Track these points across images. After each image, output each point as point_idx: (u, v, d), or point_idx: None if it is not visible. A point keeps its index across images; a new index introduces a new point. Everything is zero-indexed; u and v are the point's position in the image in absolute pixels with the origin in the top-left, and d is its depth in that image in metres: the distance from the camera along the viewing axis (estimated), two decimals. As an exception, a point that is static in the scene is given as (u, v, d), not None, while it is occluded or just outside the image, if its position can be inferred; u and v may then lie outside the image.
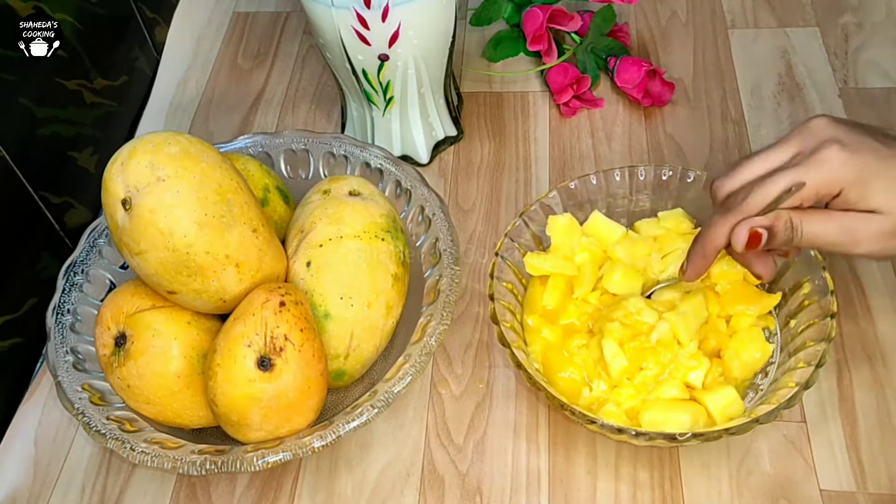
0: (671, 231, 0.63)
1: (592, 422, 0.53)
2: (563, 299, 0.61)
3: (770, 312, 0.60)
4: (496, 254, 0.61)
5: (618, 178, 0.65)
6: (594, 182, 0.65)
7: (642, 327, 0.57)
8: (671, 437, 0.52)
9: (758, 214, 0.52)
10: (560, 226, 0.63)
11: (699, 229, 0.57)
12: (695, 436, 0.51)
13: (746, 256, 0.55)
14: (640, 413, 0.55)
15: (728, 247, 0.53)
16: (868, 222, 0.51)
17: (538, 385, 0.54)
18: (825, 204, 0.52)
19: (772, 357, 0.58)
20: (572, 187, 0.64)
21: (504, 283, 0.60)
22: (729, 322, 0.59)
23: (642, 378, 0.56)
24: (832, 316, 0.55)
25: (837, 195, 0.51)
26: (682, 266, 0.57)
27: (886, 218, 0.51)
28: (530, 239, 0.63)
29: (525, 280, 0.63)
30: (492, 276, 0.59)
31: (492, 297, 0.58)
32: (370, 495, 0.58)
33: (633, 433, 0.52)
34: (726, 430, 0.51)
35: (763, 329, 0.59)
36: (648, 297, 0.61)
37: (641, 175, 0.65)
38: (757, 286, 0.60)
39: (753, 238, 0.52)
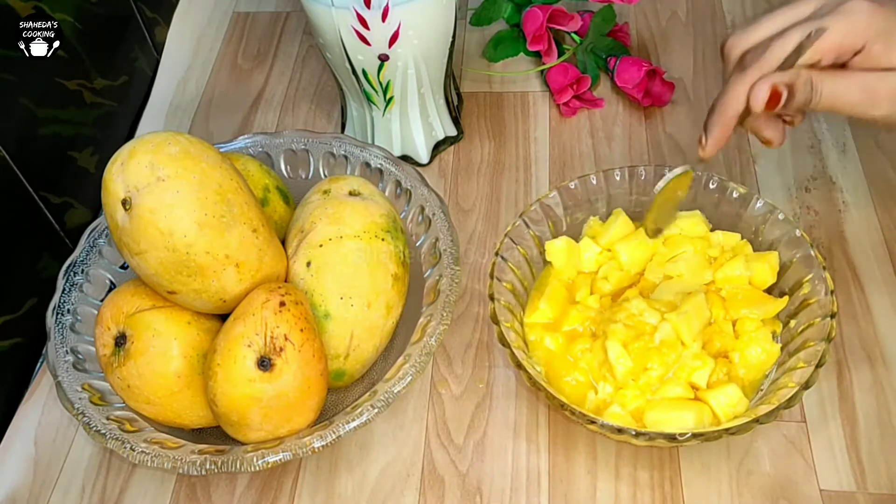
0: (682, 236, 0.63)
1: (592, 422, 0.53)
2: (564, 306, 0.61)
3: (776, 316, 0.60)
4: (496, 254, 0.61)
5: (618, 178, 0.65)
6: (594, 182, 0.65)
7: (645, 328, 0.57)
8: (671, 437, 0.52)
9: (777, 70, 0.49)
10: (559, 249, 0.63)
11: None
12: (695, 436, 0.51)
13: (759, 120, 0.52)
14: (643, 413, 0.55)
15: (746, 110, 0.50)
16: (889, 80, 0.49)
17: (538, 385, 0.54)
18: (843, 64, 0.50)
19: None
20: (572, 187, 0.64)
21: (504, 283, 0.60)
22: (735, 325, 0.59)
23: (647, 378, 0.56)
24: (832, 316, 0.55)
25: (859, 51, 0.49)
26: (700, 139, 0.54)
27: None
28: (530, 239, 0.63)
29: (525, 281, 0.63)
30: (492, 276, 0.59)
31: (492, 297, 0.58)
32: (370, 495, 0.58)
33: (633, 433, 0.52)
34: (726, 430, 0.51)
35: (771, 332, 0.59)
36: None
37: (641, 175, 0.65)
38: (765, 291, 0.60)
39: (773, 96, 0.49)
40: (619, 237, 0.63)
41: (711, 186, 0.64)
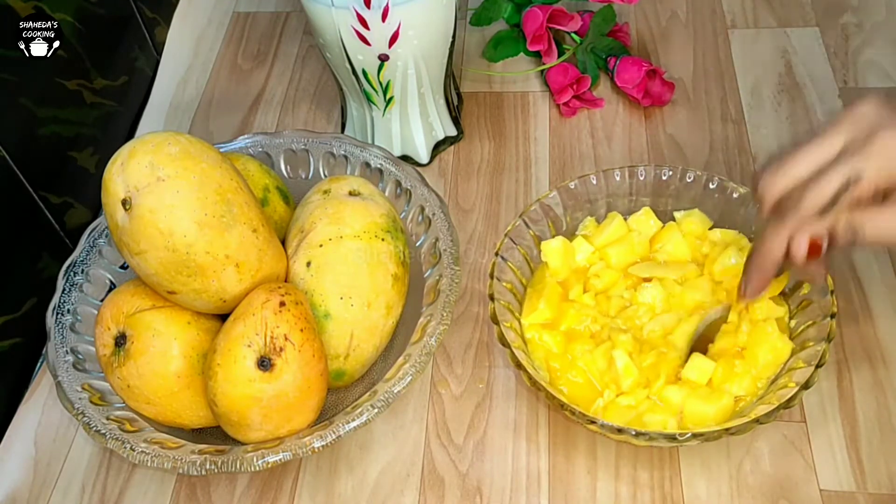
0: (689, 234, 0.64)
1: (592, 422, 0.53)
2: (560, 305, 0.61)
3: (782, 293, 0.59)
4: (496, 254, 0.61)
5: (618, 178, 0.65)
6: (594, 182, 0.65)
7: (651, 340, 0.58)
8: (671, 437, 0.52)
9: (814, 216, 0.48)
10: (554, 249, 0.63)
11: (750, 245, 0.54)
12: (695, 436, 0.51)
13: (800, 266, 0.51)
14: (643, 415, 0.55)
15: (786, 257, 0.50)
16: None
17: (538, 385, 0.54)
18: (882, 196, 0.49)
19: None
20: (572, 187, 0.64)
21: (504, 283, 0.60)
22: (743, 320, 0.59)
23: (649, 384, 0.57)
24: (832, 316, 0.55)
25: None
26: (739, 286, 0.54)
27: None
28: (530, 239, 0.63)
29: (525, 281, 0.63)
30: (492, 276, 0.59)
31: (492, 297, 0.58)
32: (370, 495, 0.58)
33: (633, 433, 0.52)
34: (726, 430, 0.51)
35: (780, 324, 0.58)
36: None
37: (641, 175, 0.65)
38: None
39: (813, 247, 0.48)
40: (612, 240, 0.63)
41: (711, 186, 0.64)
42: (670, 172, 0.64)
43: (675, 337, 0.58)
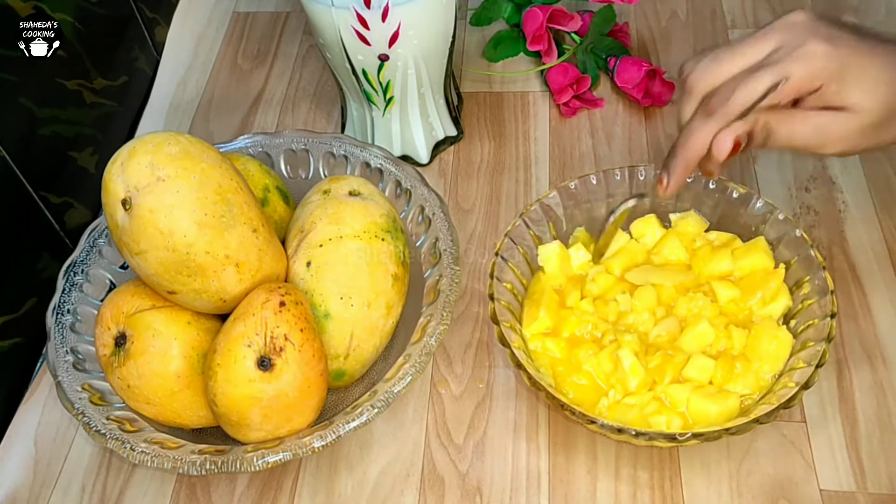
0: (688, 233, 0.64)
1: (592, 422, 0.53)
2: (559, 312, 0.61)
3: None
4: (496, 254, 0.61)
5: (618, 178, 0.65)
6: (594, 182, 0.65)
7: (657, 342, 0.58)
8: (671, 437, 0.52)
9: (740, 115, 0.51)
10: (551, 254, 0.63)
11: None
12: (695, 436, 0.51)
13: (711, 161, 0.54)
14: (649, 416, 0.55)
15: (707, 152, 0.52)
16: (840, 120, 0.51)
17: (538, 385, 0.54)
18: (795, 101, 0.52)
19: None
20: (572, 187, 0.64)
21: (504, 283, 0.60)
22: (743, 318, 0.59)
23: (654, 385, 0.57)
24: (832, 316, 0.55)
25: (815, 90, 0.51)
26: (660, 178, 0.55)
27: (858, 116, 0.51)
28: (530, 239, 0.63)
29: (525, 281, 0.63)
30: (492, 276, 0.59)
31: (492, 297, 0.58)
32: (370, 495, 0.58)
33: (633, 433, 0.52)
34: (726, 430, 0.51)
35: (781, 318, 0.59)
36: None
37: (641, 175, 0.65)
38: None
39: (734, 145, 0.51)
40: (614, 251, 0.64)
41: (711, 186, 0.64)
42: None
43: (682, 342, 0.58)
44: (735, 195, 0.63)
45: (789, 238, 0.60)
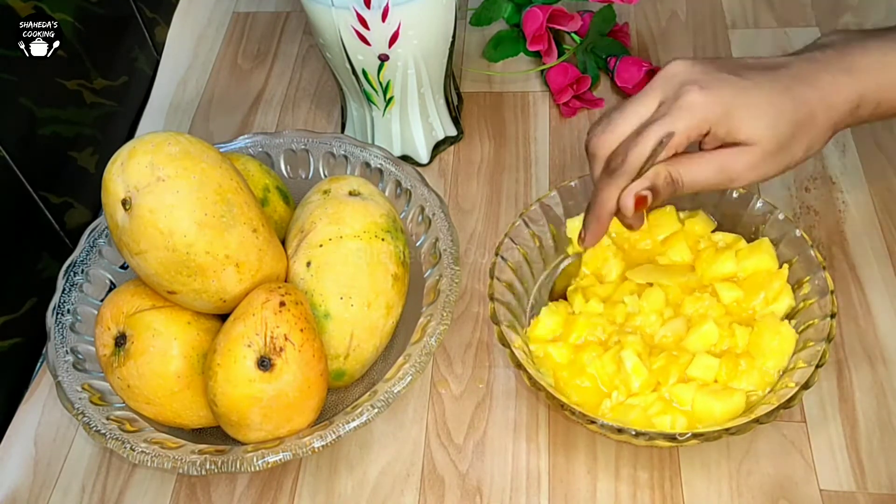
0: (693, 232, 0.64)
1: (592, 422, 0.53)
2: (566, 317, 0.61)
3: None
4: (496, 254, 0.61)
5: None
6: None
7: (655, 340, 0.59)
8: (671, 437, 0.52)
9: (640, 172, 0.53)
10: (577, 228, 0.62)
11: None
12: (695, 436, 0.51)
13: (628, 216, 0.56)
14: (652, 417, 0.55)
15: (618, 210, 0.55)
16: (739, 156, 0.53)
17: (538, 385, 0.54)
18: (699, 144, 0.54)
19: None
20: (572, 187, 0.64)
21: (504, 283, 0.60)
22: (747, 315, 0.59)
23: (658, 386, 0.57)
24: (832, 316, 0.55)
25: (707, 133, 0.53)
26: (579, 234, 0.58)
27: (755, 147, 0.52)
28: (530, 238, 0.63)
29: (525, 282, 0.63)
30: (492, 276, 0.59)
31: (492, 297, 0.58)
32: (370, 495, 0.58)
33: (633, 433, 0.52)
34: (726, 430, 0.51)
35: (785, 315, 0.59)
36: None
37: None
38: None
39: (639, 201, 0.53)
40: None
41: None
42: None
43: (688, 343, 0.58)
44: (735, 196, 0.63)
45: (789, 238, 0.60)
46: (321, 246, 0.57)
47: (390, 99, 0.71)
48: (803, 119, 0.53)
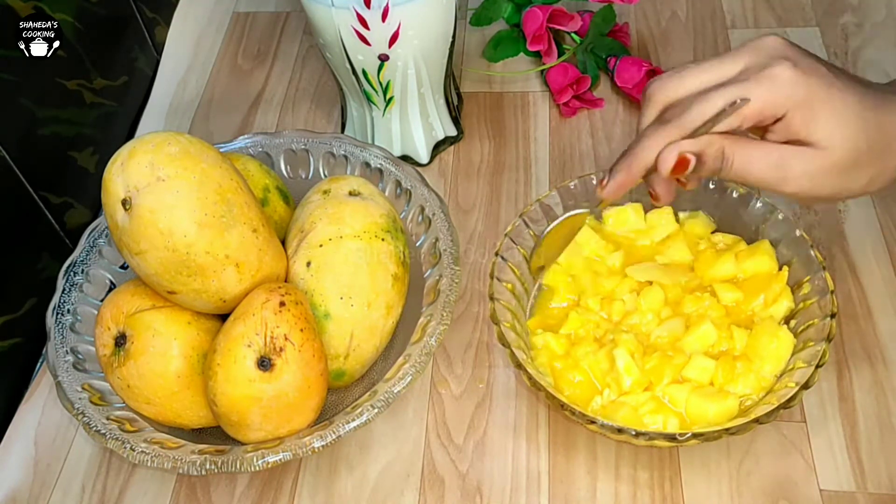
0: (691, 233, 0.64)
1: (592, 422, 0.53)
2: (570, 306, 0.61)
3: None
4: (496, 254, 0.61)
5: None
6: (594, 182, 0.65)
7: (651, 339, 0.59)
8: (671, 437, 0.52)
9: (696, 131, 0.48)
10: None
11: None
12: (695, 436, 0.51)
13: (658, 177, 0.51)
14: (643, 416, 0.55)
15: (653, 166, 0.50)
16: (802, 158, 0.48)
17: (538, 385, 0.54)
18: (762, 134, 0.50)
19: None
20: (572, 187, 0.64)
21: (504, 283, 0.60)
22: (745, 320, 0.59)
23: (651, 386, 0.57)
24: (832, 316, 0.55)
25: (780, 119, 0.48)
26: (602, 180, 0.53)
27: (824, 154, 0.48)
28: (530, 238, 0.63)
29: (525, 282, 0.63)
30: (492, 277, 0.59)
31: (492, 297, 0.58)
32: (370, 495, 0.58)
33: (634, 433, 0.52)
34: (726, 430, 0.51)
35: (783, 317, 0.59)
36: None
37: None
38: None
39: (680, 163, 0.48)
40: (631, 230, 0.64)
41: (711, 187, 0.64)
42: None
43: (685, 343, 0.58)
44: (735, 195, 0.63)
45: (790, 238, 0.60)
46: (321, 246, 0.57)
47: (390, 99, 0.71)
48: (881, 146, 0.48)
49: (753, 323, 0.58)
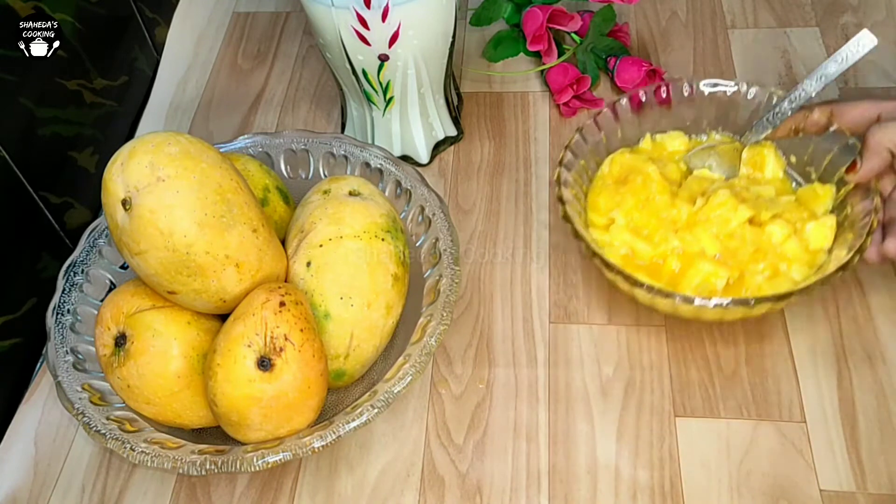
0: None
1: (640, 285, 0.57)
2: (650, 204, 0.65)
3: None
4: (559, 164, 0.64)
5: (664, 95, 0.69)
6: (643, 98, 0.69)
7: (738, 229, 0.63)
8: (739, 302, 0.56)
9: None
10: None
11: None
12: (735, 302, 0.55)
13: None
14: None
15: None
16: None
17: (592, 251, 0.59)
18: None
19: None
20: (623, 104, 0.68)
21: (569, 189, 0.64)
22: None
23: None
24: (876, 192, 0.59)
25: None
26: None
27: None
28: (588, 152, 0.67)
29: (585, 186, 0.66)
30: (558, 183, 0.63)
31: (561, 200, 0.62)
32: (370, 495, 0.58)
33: (680, 298, 0.56)
34: (784, 295, 0.55)
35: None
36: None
37: (687, 88, 0.68)
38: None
39: None
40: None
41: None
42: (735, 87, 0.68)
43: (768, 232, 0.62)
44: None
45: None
46: (321, 246, 0.58)
47: (390, 99, 0.71)
48: None
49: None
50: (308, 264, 0.57)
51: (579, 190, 0.66)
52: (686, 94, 0.68)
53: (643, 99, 0.68)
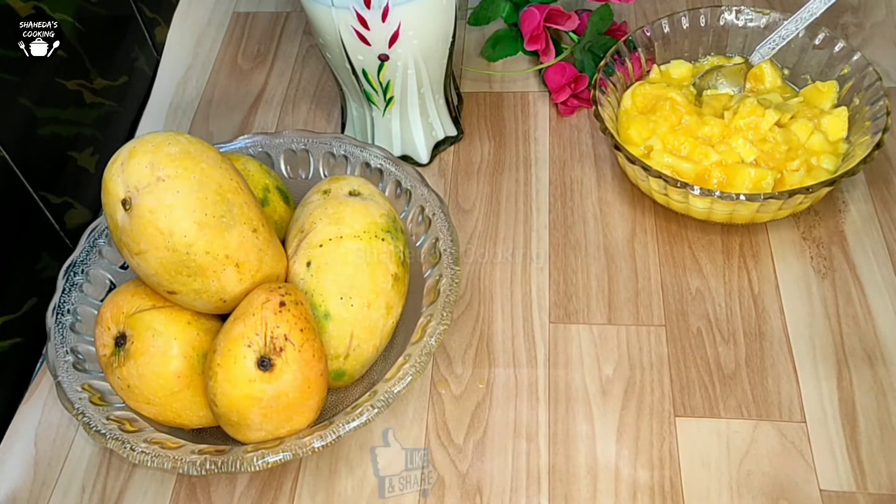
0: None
1: (659, 176, 0.62)
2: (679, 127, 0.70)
3: None
4: (599, 70, 0.70)
5: (702, 23, 0.76)
6: (685, 24, 0.76)
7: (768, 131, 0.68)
8: (751, 198, 0.61)
9: None
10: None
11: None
12: (749, 198, 0.61)
13: None
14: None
15: None
16: None
17: (618, 146, 0.65)
18: None
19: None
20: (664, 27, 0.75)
21: (605, 97, 0.69)
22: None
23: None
24: (885, 95, 0.65)
25: None
26: None
27: None
28: (628, 64, 0.73)
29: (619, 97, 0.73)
30: (594, 87, 0.68)
31: (594, 101, 0.68)
32: (370, 495, 0.58)
33: (697, 191, 0.61)
34: (806, 189, 0.61)
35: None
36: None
37: (726, 15, 0.75)
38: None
39: None
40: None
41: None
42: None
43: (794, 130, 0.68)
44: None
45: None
46: (321, 246, 0.58)
47: (390, 99, 0.71)
48: None
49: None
50: (308, 264, 0.57)
51: (611, 127, 0.70)
52: (685, 27, 0.76)
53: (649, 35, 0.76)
